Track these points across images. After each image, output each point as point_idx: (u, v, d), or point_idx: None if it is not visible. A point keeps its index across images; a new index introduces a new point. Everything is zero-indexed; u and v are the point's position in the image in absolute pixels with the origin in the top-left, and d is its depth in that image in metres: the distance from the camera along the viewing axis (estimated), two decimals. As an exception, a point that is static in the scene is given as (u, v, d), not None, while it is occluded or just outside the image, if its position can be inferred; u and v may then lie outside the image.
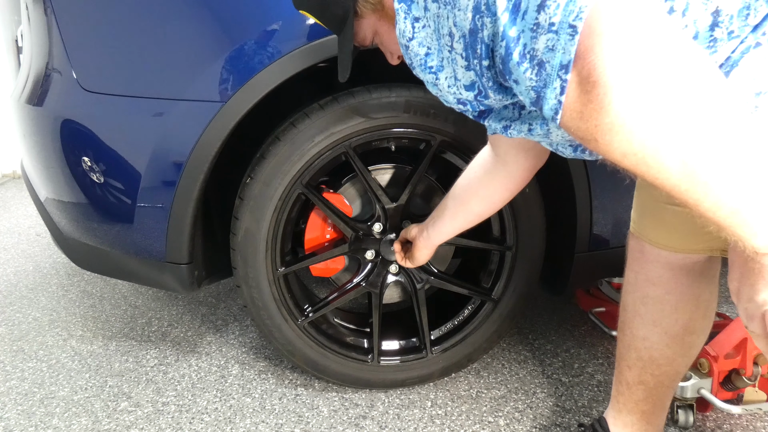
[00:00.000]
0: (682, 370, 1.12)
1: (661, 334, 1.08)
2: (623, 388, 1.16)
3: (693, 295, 1.05)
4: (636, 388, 1.14)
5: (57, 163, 1.42)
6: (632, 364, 1.12)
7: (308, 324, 1.48)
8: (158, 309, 2.07)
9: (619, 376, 1.16)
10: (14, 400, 1.56)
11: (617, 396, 1.18)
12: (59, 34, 1.32)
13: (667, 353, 1.09)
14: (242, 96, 1.23)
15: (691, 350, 1.10)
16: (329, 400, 1.53)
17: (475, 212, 1.24)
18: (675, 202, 0.99)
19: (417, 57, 0.84)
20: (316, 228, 1.49)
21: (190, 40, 1.25)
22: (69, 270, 2.43)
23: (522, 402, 1.50)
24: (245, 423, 1.45)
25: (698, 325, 1.08)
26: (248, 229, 1.36)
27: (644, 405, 1.14)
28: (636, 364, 1.12)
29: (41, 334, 1.91)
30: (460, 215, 1.26)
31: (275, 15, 1.21)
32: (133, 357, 1.76)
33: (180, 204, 1.32)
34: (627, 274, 1.12)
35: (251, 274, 1.40)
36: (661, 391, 1.13)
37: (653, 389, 1.12)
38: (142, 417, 1.48)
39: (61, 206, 1.52)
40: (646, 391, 1.13)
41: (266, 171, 1.33)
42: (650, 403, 1.14)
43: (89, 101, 1.32)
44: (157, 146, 1.29)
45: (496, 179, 1.16)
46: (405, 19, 0.82)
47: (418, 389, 1.57)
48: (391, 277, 1.51)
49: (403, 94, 1.31)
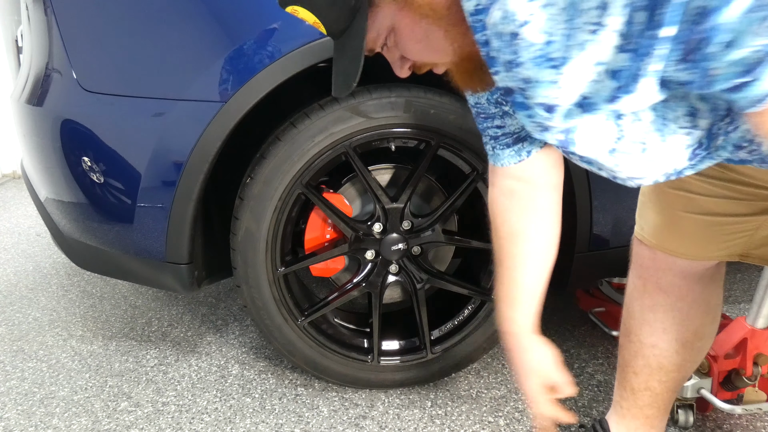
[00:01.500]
0: (688, 375, 1.11)
1: (671, 341, 1.06)
2: (627, 394, 1.14)
3: (704, 301, 1.04)
4: (642, 394, 1.12)
5: (57, 163, 1.42)
6: (639, 371, 1.11)
7: (308, 324, 1.48)
8: (158, 309, 2.07)
9: (624, 381, 1.14)
10: (14, 400, 1.56)
11: (620, 401, 1.16)
12: (59, 34, 1.32)
13: (676, 360, 1.07)
14: (242, 96, 1.23)
15: (699, 355, 1.09)
16: (329, 400, 1.53)
17: (543, 251, 1.01)
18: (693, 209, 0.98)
19: (530, 48, 0.63)
20: (316, 228, 1.49)
21: (190, 40, 1.25)
22: (69, 270, 2.43)
23: (522, 402, 1.50)
24: (245, 423, 1.45)
25: (707, 330, 1.07)
26: (248, 229, 1.36)
27: (649, 410, 1.13)
28: (643, 371, 1.10)
29: (41, 334, 1.91)
30: (530, 273, 1.01)
31: (275, 14, 1.21)
32: (133, 357, 1.76)
33: (180, 204, 1.32)
34: (633, 281, 1.09)
35: (251, 274, 1.40)
36: (667, 396, 1.12)
37: (659, 395, 1.11)
38: (142, 417, 1.48)
39: (61, 206, 1.52)
40: (652, 396, 1.12)
41: (266, 171, 1.33)
42: (655, 407, 1.13)
43: (89, 101, 1.32)
44: (157, 146, 1.29)
45: (540, 202, 0.99)
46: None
47: (418, 389, 1.57)
48: (391, 277, 1.51)
49: (403, 94, 1.31)
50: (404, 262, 1.48)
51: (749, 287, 2.10)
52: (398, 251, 1.46)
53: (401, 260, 1.48)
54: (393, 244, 1.44)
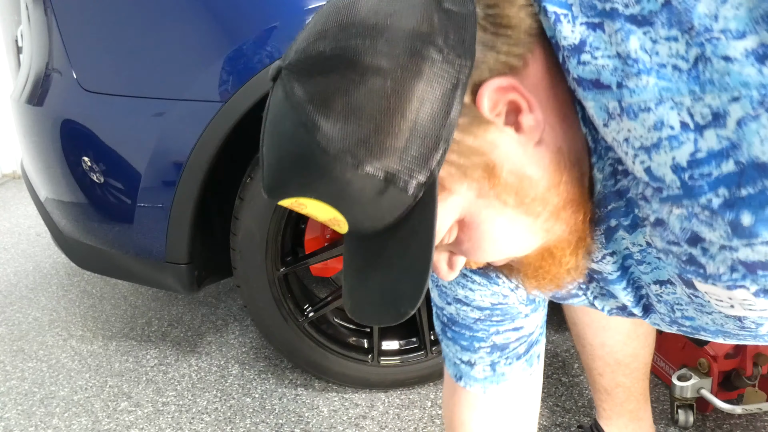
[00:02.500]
0: (649, 359, 1.13)
1: (614, 336, 1.08)
2: (603, 396, 1.16)
3: None
4: (615, 392, 1.14)
5: (57, 163, 1.42)
6: (602, 371, 1.12)
7: (308, 324, 1.48)
8: (158, 309, 2.07)
9: (595, 385, 1.16)
10: (14, 400, 1.56)
11: (601, 404, 1.18)
12: (59, 34, 1.32)
13: (628, 351, 1.09)
14: (242, 96, 1.23)
15: (648, 338, 1.11)
16: (329, 400, 1.53)
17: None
18: None
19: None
20: (316, 228, 1.49)
21: (189, 39, 1.25)
22: (69, 270, 2.43)
23: (522, 402, 1.50)
24: (245, 423, 1.45)
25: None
26: (248, 229, 1.36)
27: (628, 404, 1.15)
28: (605, 370, 1.12)
29: (41, 334, 1.90)
30: None
31: (275, 14, 1.21)
32: (133, 357, 1.76)
33: (180, 204, 1.32)
34: None
35: (251, 274, 1.40)
36: (639, 386, 1.13)
37: (631, 387, 1.13)
38: (142, 417, 1.48)
39: (61, 206, 1.52)
40: (626, 391, 1.13)
41: (266, 171, 1.32)
42: (633, 400, 1.14)
43: (89, 101, 1.32)
44: (157, 146, 1.29)
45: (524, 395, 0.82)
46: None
47: (418, 389, 1.57)
48: (391, 277, 1.51)
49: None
50: (404, 262, 1.48)
51: (749, 287, 2.10)
52: (398, 251, 1.45)
53: (401, 260, 1.48)
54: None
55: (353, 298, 0.54)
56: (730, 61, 0.40)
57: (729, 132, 0.41)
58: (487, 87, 0.47)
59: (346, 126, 0.45)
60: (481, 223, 0.51)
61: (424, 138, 0.45)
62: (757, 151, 0.40)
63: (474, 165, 0.48)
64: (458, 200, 0.50)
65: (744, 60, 0.40)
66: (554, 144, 0.50)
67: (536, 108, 0.48)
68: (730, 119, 0.41)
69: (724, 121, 0.41)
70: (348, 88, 0.45)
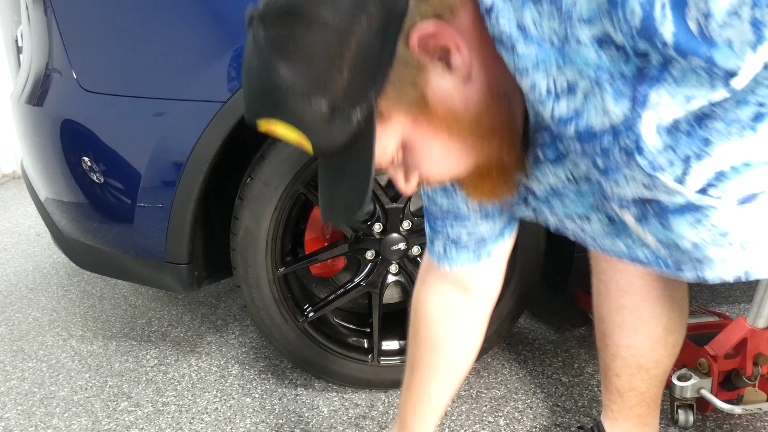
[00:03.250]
0: (669, 368, 1.11)
1: (644, 340, 1.07)
2: (615, 397, 1.14)
3: (668, 297, 1.04)
4: (628, 395, 1.12)
5: (57, 163, 1.43)
6: (620, 373, 1.11)
7: (308, 324, 1.48)
8: (158, 309, 2.07)
9: (609, 385, 1.15)
10: (14, 400, 1.56)
11: (609, 405, 1.17)
12: (59, 34, 1.32)
13: (653, 357, 1.08)
14: (242, 96, 1.23)
15: (675, 348, 1.10)
16: (329, 400, 1.53)
17: (460, 366, 0.99)
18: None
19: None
20: (316, 228, 1.49)
21: (189, 39, 1.25)
22: (69, 270, 2.43)
23: (522, 402, 1.50)
24: (245, 423, 1.45)
25: (677, 324, 1.07)
26: (248, 229, 1.36)
27: (638, 409, 1.13)
28: (624, 372, 1.10)
29: (41, 334, 1.91)
30: (443, 386, 0.99)
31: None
32: (133, 357, 1.76)
33: (180, 204, 1.32)
34: (596, 284, 1.09)
35: (251, 274, 1.40)
36: (653, 392, 1.12)
37: (645, 393, 1.12)
38: (142, 417, 1.48)
39: (61, 206, 1.52)
40: (639, 396, 1.12)
41: (266, 171, 1.33)
42: (644, 406, 1.13)
43: (89, 101, 1.32)
44: (157, 146, 1.29)
45: (473, 317, 0.96)
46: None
47: (418, 389, 1.57)
48: (391, 277, 1.51)
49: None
50: (404, 262, 1.48)
51: (749, 287, 2.10)
52: (398, 251, 1.46)
53: (401, 260, 1.48)
54: (393, 244, 1.44)
55: (323, 205, 0.66)
56: (581, 44, 0.49)
57: (577, 103, 0.53)
58: (417, 30, 0.56)
59: (297, 67, 0.55)
60: (419, 146, 0.63)
61: (362, 76, 0.56)
62: (593, 121, 0.53)
63: (408, 97, 0.59)
64: (397, 127, 0.61)
65: (589, 44, 0.49)
66: (482, 81, 0.59)
67: (464, 49, 0.57)
68: (579, 91, 0.52)
69: (574, 93, 0.53)
70: (300, 35, 0.55)
